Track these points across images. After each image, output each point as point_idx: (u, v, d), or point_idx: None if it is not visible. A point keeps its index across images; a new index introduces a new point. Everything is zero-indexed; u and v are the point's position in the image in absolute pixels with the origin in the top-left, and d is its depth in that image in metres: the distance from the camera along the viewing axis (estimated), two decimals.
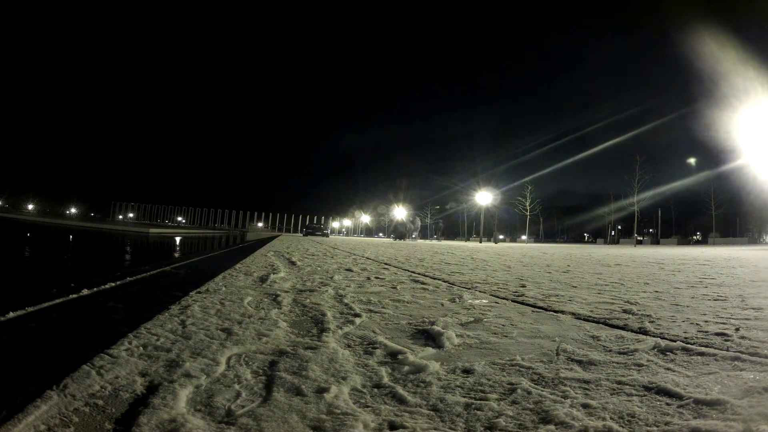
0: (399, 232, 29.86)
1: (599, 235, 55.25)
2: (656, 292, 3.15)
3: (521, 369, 1.37)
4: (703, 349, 1.57)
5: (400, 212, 49.71)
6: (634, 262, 6.95)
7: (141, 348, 1.52)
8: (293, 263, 5.33)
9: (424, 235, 41.24)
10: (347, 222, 79.54)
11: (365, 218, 67.42)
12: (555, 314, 2.29)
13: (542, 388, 1.21)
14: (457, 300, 2.72)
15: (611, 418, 1.02)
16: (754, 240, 42.56)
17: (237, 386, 1.21)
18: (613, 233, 52.49)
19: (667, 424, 0.99)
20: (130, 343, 1.58)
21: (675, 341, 1.67)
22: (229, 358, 1.44)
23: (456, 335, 1.77)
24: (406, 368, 1.37)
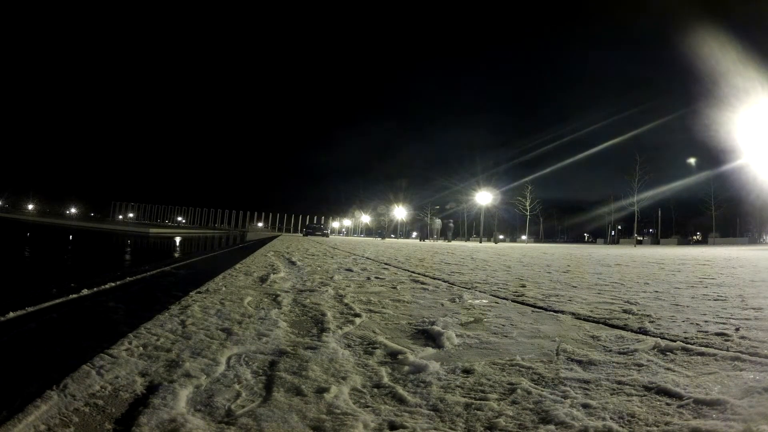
0: (442, 230, 30.40)
1: (599, 235, 55.26)
2: (656, 292, 3.15)
3: (521, 369, 1.37)
4: (703, 349, 1.57)
5: (400, 212, 49.83)
6: (634, 262, 6.95)
7: (141, 348, 1.52)
8: (293, 263, 5.33)
9: (424, 235, 41.38)
10: (347, 222, 79.52)
11: (365, 218, 67.39)
12: (555, 314, 2.29)
13: (542, 388, 1.21)
14: (457, 300, 2.72)
15: (611, 418, 1.02)
16: (754, 240, 42.54)
17: (237, 386, 1.21)
18: (613, 233, 52.50)
19: (667, 424, 0.99)
20: (130, 343, 1.58)
21: (675, 341, 1.67)
22: (229, 358, 1.44)
23: (456, 335, 1.77)
24: (406, 368, 1.38)
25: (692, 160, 35.53)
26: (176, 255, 13.67)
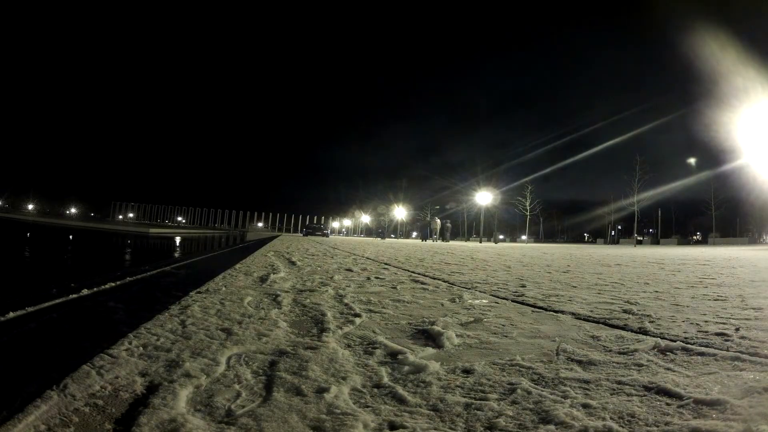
0: (440, 230, 29.67)
1: (599, 235, 55.31)
2: (656, 292, 3.15)
3: (521, 369, 1.37)
4: (703, 349, 1.57)
5: (400, 212, 49.87)
6: (634, 262, 6.95)
7: (141, 348, 1.52)
8: (293, 263, 5.33)
9: (425, 235, 41.41)
10: (347, 222, 79.54)
11: (365, 218, 67.40)
12: (555, 314, 2.28)
13: (542, 388, 1.21)
14: (457, 300, 2.72)
15: (611, 418, 1.02)
16: (754, 240, 42.59)
17: (237, 386, 1.21)
18: (613, 233, 52.53)
19: (667, 424, 0.99)
20: (130, 343, 1.57)
21: (675, 341, 1.67)
22: (229, 358, 1.44)
23: (456, 335, 1.76)
24: (406, 368, 1.37)
25: (692, 160, 35.55)
26: (176, 255, 13.68)
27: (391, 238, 43.86)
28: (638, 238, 39.11)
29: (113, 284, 3.22)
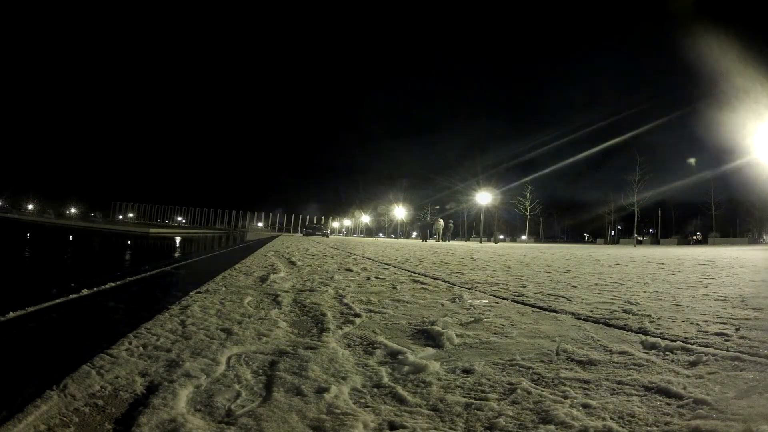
0: (438, 230, 28.58)
1: (599, 235, 55.32)
2: (656, 292, 3.15)
3: (521, 369, 1.37)
4: (703, 349, 1.57)
5: (400, 212, 49.96)
6: (634, 262, 6.95)
7: (141, 348, 1.52)
8: (293, 263, 5.33)
9: (425, 235, 41.39)
10: (347, 222, 79.56)
11: (365, 218, 67.46)
12: (555, 314, 2.28)
13: (542, 388, 1.21)
14: (457, 300, 2.72)
15: (611, 418, 1.02)
16: (754, 240, 42.57)
17: (237, 386, 1.21)
18: (613, 233, 52.52)
19: (667, 424, 0.99)
20: (130, 343, 1.58)
21: (675, 341, 1.67)
22: (229, 358, 1.44)
23: (456, 335, 1.76)
24: (406, 368, 1.37)
25: (692, 160, 35.57)
26: (176, 255, 13.69)
27: (391, 237, 43.81)
28: (638, 238, 39.10)
29: (113, 284, 3.22)
